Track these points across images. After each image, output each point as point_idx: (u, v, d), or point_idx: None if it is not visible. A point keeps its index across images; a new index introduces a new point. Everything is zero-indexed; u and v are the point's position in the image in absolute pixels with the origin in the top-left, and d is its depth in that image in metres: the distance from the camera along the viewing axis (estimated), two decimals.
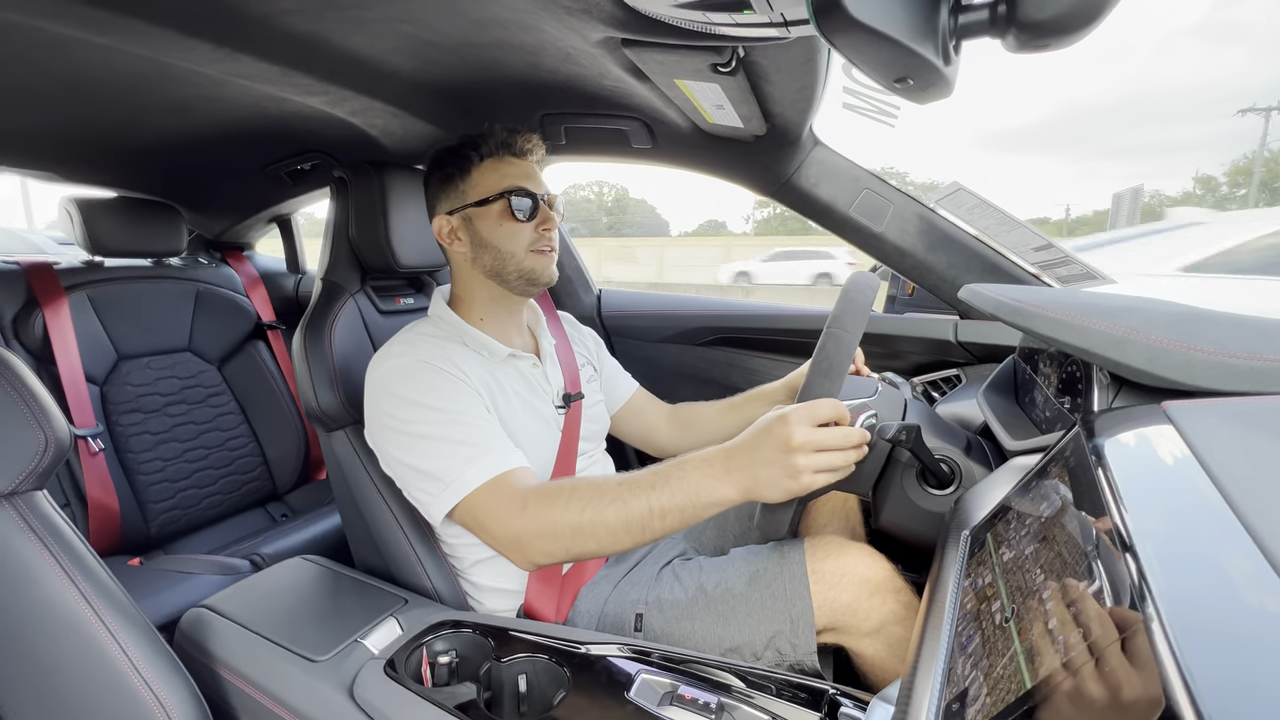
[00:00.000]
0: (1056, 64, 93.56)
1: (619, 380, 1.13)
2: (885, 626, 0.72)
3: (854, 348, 0.66)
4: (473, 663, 0.66)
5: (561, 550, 0.68)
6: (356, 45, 0.86)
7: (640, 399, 1.14)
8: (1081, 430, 0.46)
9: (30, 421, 0.58)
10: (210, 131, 1.22)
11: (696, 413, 1.10)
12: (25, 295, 1.37)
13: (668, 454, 1.11)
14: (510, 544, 0.70)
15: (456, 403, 0.76)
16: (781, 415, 0.64)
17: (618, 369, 1.14)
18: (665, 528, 0.66)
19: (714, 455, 0.67)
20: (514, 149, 0.87)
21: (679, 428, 1.11)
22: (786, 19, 0.57)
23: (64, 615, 0.57)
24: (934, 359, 1.20)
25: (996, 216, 1.03)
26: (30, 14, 0.68)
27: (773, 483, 0.62)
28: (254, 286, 1.81)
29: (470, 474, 0.72)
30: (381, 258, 1.08)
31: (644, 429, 1.13)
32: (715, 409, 1.08)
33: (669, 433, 1.12)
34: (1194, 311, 0.52)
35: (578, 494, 0.68)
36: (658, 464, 0.71)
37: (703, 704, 0.58)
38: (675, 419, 1.12)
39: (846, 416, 0.64)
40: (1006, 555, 0.44)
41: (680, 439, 1.11)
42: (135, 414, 1.47)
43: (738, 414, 1.05)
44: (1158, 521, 0.33)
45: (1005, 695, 0.32)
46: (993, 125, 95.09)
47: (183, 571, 1.21)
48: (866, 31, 0.36)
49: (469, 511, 0.72)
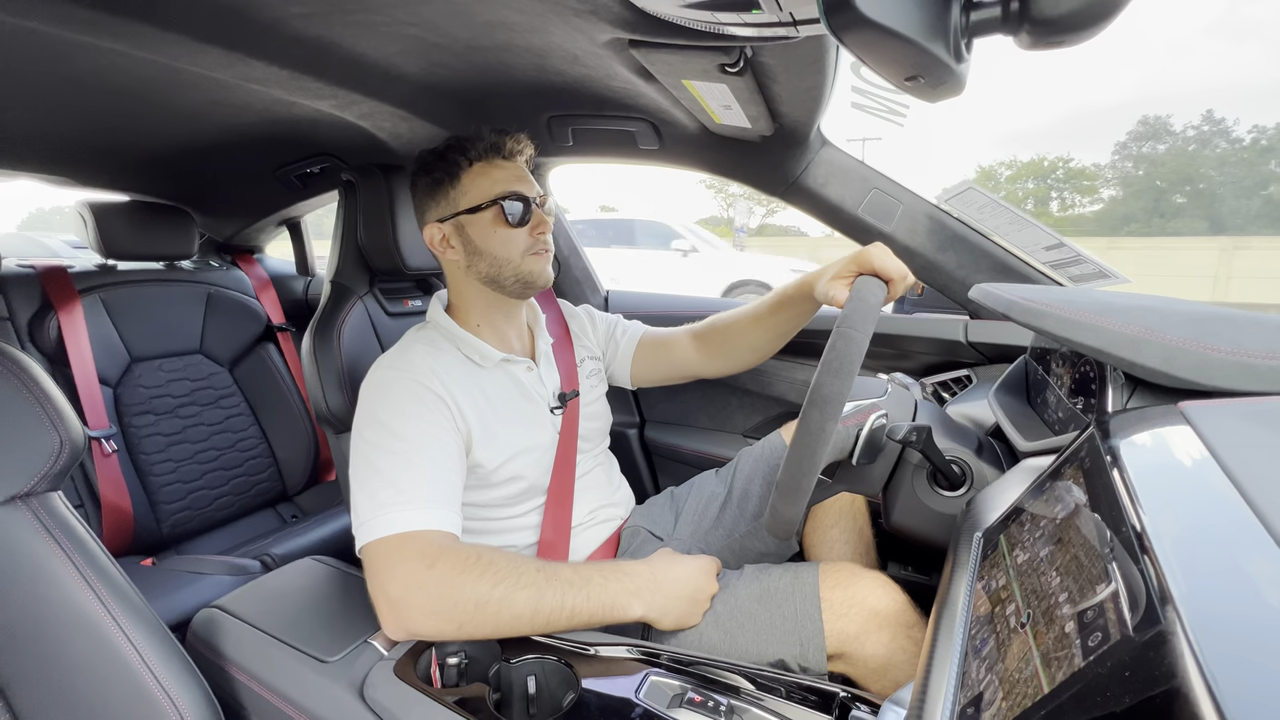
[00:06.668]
0: (1071, 63, 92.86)
1: (621, 334, 1.08)
2: (892, 666, 0.68)
3: (864, 347, 0.65)
4: (482, 664, 0.66)
5: (452, 624, 0.64)
6: (365, 49, 0.86)
7: (653, 339, 1.08)
8: (1096, 431, 0.46)
9: (45, 423, 0.59)
10: (221, 136, 1.23)
11: (725, 331, 1.02)
12: (40, 299, 1.38)
13: (712, 376, 1.07)
14: (393, 602, 0.65)
15: (419, 434, 0.73)
16: (709, 572, 0.77)
17: (618, 323, 1.10)
18: (568, 627, 0.68)
19: (638, 574, 0.73)
20: (503, 152, 0.85)
21: (714, 350, 1.04)
22: (795, 18, 0.57)
23: (78, 615, 0.58)
24: (944, 359, 1.19)
25: (1007, 215, 1.02)
26: (43, 20, 0.69)
27: (676, 618, 0.72)
28: (264, 289, 1.82)
29: (385, 520, 0.68)
30: (389, 260, 1.08)
31: (674, 364, 1.06)
32: (745, 322, 1.00)
33: (703, 358, 1.05)
34: (1211, 311, 0.51)
35: (494, 567, 0.66)
36: (579, 563, 0.82)
37: (712, 706, 0.57)
38: (705, 342, 1.04)
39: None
40: (1021, 558, 0.43)
41: (720, 362, 1.04)
42: (148, 415, 1.48)
43: (769, 323, 0.98)
44: (1176, 523, 0.33)
45: (1022, 700, 0.32)
46: (1006, 126, 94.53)
47: (194, 572, 1.22)
48: (877, 29, 0.36)
49: (371, 556, 0.68)
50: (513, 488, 0.85)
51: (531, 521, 0.88)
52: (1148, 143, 34.35)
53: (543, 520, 0.88)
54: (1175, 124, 34.05)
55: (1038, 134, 74.38)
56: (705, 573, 0.76)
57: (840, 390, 0.63)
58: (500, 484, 0.84)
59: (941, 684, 0.40)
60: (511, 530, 0.87)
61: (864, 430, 0.75)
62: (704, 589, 0.75)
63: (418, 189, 0.89)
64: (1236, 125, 33.34)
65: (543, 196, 0.88)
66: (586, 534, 0.93)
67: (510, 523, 0.87)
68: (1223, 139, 32.59)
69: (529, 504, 0.88)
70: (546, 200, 0.89)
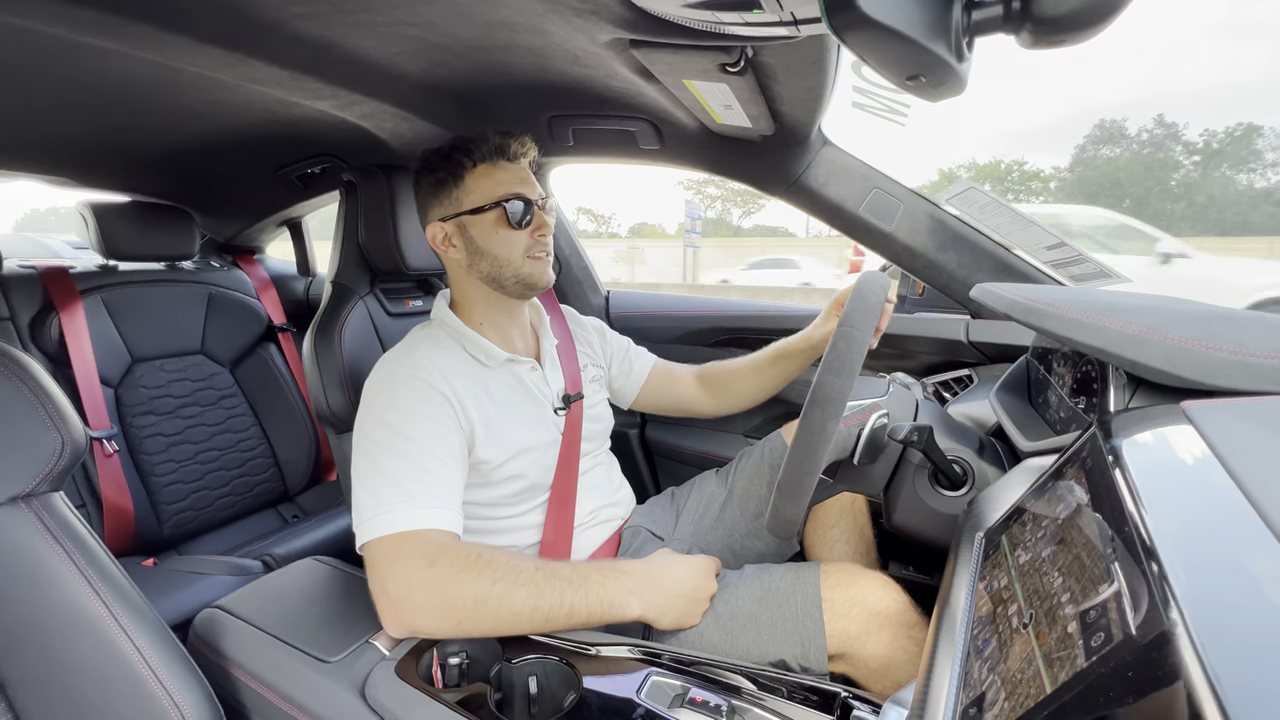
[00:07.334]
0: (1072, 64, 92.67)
1: (634, 360, 1.12)
2: (894, 666, 0.68)
3: (866, 346, 0.65)
4: (483, 664, 0.66)
5: (451, 621, 0.65)
6: (366, 49, 0.86)
7: (661, 371, 1.13)
8: (1098, 431, 0.46)
9: (47, 424, 0.59)
10: (222, 136, 1.23)
11: (728, 378, 1.10)
12: (42, 299, 1.39)
13: (709, 416, 1.14)
14: (393, 599, 0.65)
15: (422, 432, 0.74)
16: (709, 571, 0.77)
17: (629, 348, 1.13)
18: (566, 625, 0.68)
19: (636, 573, 0.72)
20: (507, 154, 0.86)
21: (714, 392, 1.11)
22: (796, 18, 0.57)
23: (80, 615, 0.58)
24: (945, 359, 1.19)
25: (1008, 215, 1.02)
26: (45, 21, 0.69)
27: (675, 617, 0.72)
28: (265, 289, 1.82)
29: (387, 519, 0.68)
30: (390, 260, 1.08)
31: (677, 398, 1.13)
32: (746, 370, 1.08)
33: (704, 398, 1.12)
34: (1213, 310, 0.51)
35: (493, 565, 0.66)
36: (578, 562, 0.81)
37: (713, 706, 0.57)
38: (707, 383, 1.12)
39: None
40: (1023, 558, 0.43)
41: (718, 402, 1.11)
42: (149, 416, 1.48)
43: (768, 374, 1.06)
44: (1179, 523, 0.33)
45: (1024, 700, 0.32)
46: (1004, 126, 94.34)
47: (196, 572, 1.22)
48: (879, 29, 0.36)
49: (372, 554, 0.68)
50: (514, 486, 0.85)
51: (533, 521, 0.88)
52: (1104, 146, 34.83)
53: (545, 520, 0.88)
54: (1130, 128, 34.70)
55: (1034, 134, 74.47)
56: (704, 572, 0.76)
57: (842, 389, 0.63)
58: (501, 482, 0.84)
59: (943, 684, 0.40)
60: (513, 530, 0.87)
61: (865, 430, 0.75)
62: (703, 588, 0.75)
63: (421, 188, 0.89)
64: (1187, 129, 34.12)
65: (545, 199, 0.88)
66: (587, 534, 0.93)
67: (512, 522, 0.87)
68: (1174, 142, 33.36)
69: (530, 503, 0.88)
70: (549, 202, 0.89)
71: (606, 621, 0.70)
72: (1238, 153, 31.83)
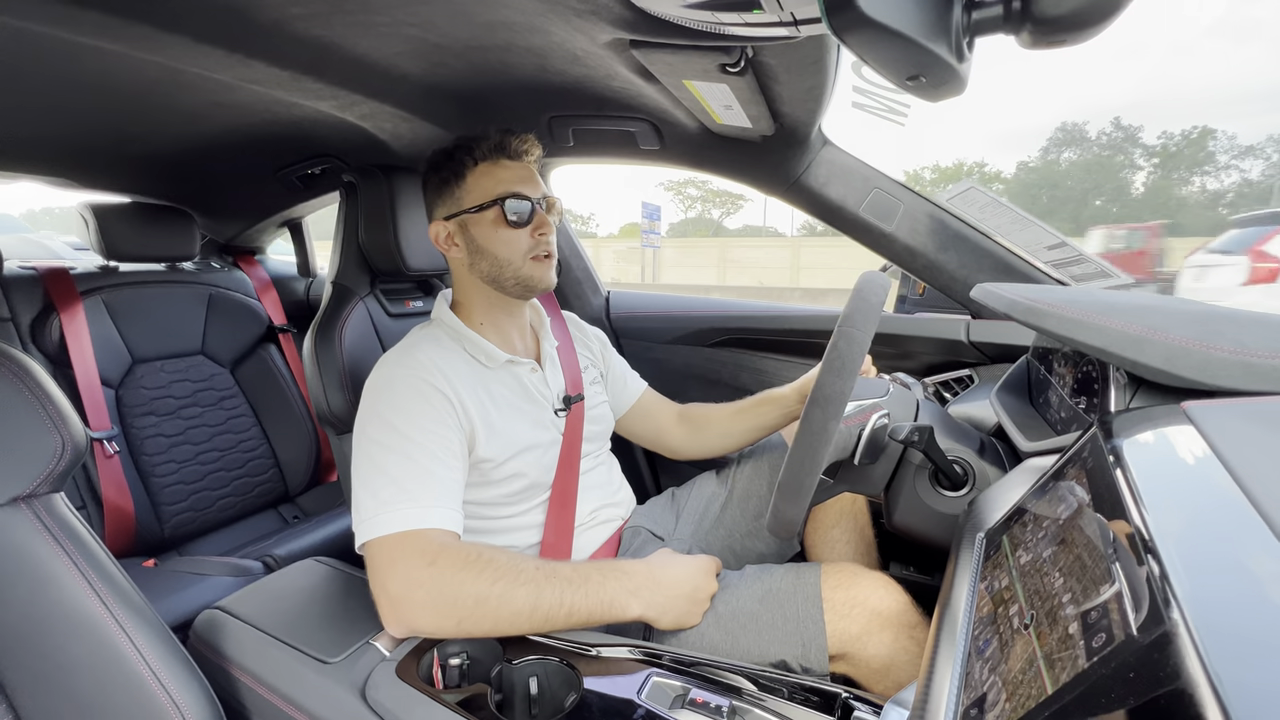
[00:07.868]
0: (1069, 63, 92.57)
1: (627, 381, 1.12)
2: (895, 666, 0.68)
3: (866, 347, 0.65)
4: (484, 665, 0.66)
5: (451, 621, 0.65)
6: (365, 50, 0.86)
7: (649, 400, 1.13)
8: (1099, 431, 0.46)
9: (47, 425, 0.59)
10: (222, 137, 1.23)
11: (707, 416, 1.09)
12: (42, 300, 1.39)
13: (679, 455, 1.11)
14: (393, 598, 0.65)
15: (423, 432, 0.74)
16: (709, 571, 0.76)
17: (625, 369, 1.13)
18: (566, 625, 0.68)
19: (636, 573, 0.72)
20: (509, 152, 0.85)
21: (690, 430, 1.10)
22: (796, 18, 0.57)
23: (80, 616, 0.58)
24: (946, 359, 1.19)
25: (1009, 215, 1.02)
26: (45, 22, 0.69)
27: (675, 617, 0.72)
28: (266, 290, 1.82)
29: (387, 518, 0.68)
30: (390, 261, 1.08)
31: (654, 430, 1.12)
32: (726, 412, 1.07)
33: (680, 434, 1.11)
34: (1213, 310, 0.51)
35: (493, 564, 0.66)
36: (579, 562, 0.82)
37: (714, 707, 0.57)
38: (686, 420, 1.11)
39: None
40: (1024, 558, 0.43)
41: (692, 442, 1.10)
42: (149, 417, 1.49)
43: (748, 418, 1.04)
44: (1180, 523, 0.33)
45: (1025, 701, 0.31)
46: (1000, 126, 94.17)
47: (196, 573, 1.22)
48: (879, 29, 0.36)
49: (372, 554, 0.68)
50: (514, 485, 0.85)
51: (533, 521, 0.88)
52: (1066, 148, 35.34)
53: (545, 520, 0.88)
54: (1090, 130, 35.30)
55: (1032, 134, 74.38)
56: (704, 572, 0.76)
57: (842, 389, 0.63)
58: (502, 481, 0.84)
59: (944, 685, 0.40)
60: (514, 530, 0.87)
61: (866, 430, 0.74)
62: (703, 588, 0.75)
63: (428, 187, 0.89)
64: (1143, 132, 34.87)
65: (550, 199, 0.88)
66: (588, 534, 0.93)
67: (512, 521, 0.87)
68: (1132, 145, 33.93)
69: (531, 503, 0.88)
70: (555, 202, 0.88)
71: (607, 621, 0.70)
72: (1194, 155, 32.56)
